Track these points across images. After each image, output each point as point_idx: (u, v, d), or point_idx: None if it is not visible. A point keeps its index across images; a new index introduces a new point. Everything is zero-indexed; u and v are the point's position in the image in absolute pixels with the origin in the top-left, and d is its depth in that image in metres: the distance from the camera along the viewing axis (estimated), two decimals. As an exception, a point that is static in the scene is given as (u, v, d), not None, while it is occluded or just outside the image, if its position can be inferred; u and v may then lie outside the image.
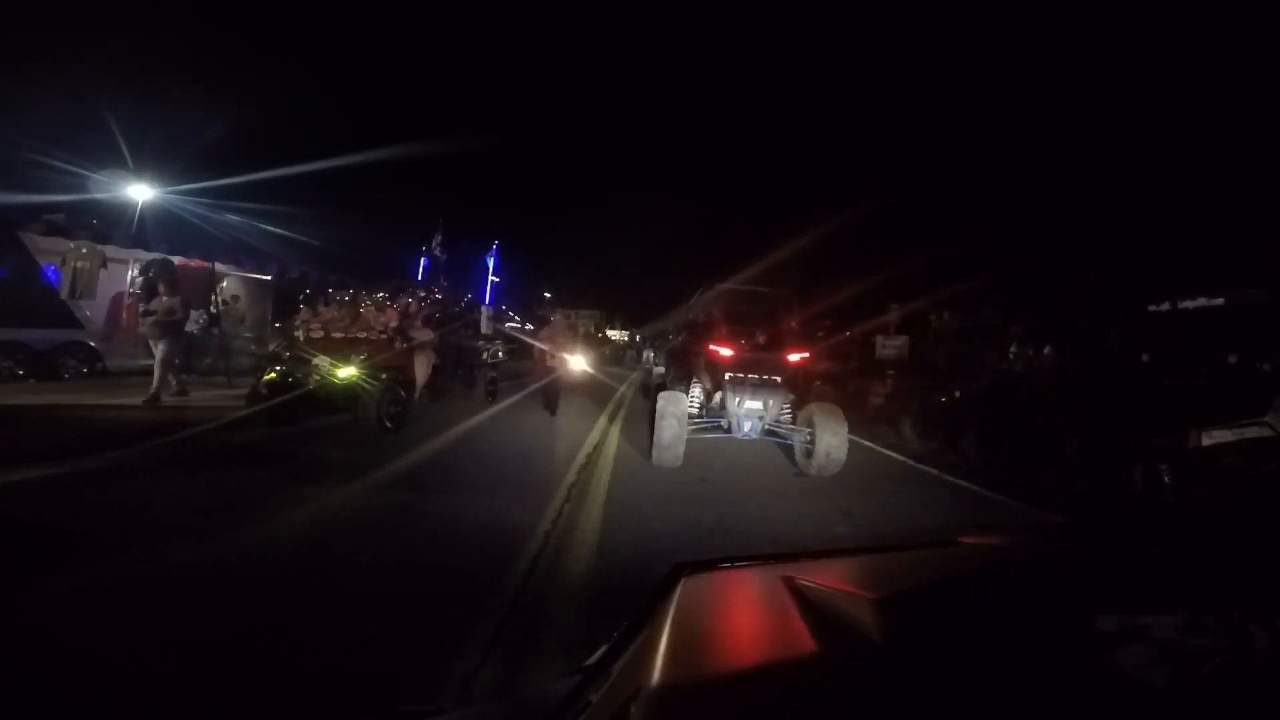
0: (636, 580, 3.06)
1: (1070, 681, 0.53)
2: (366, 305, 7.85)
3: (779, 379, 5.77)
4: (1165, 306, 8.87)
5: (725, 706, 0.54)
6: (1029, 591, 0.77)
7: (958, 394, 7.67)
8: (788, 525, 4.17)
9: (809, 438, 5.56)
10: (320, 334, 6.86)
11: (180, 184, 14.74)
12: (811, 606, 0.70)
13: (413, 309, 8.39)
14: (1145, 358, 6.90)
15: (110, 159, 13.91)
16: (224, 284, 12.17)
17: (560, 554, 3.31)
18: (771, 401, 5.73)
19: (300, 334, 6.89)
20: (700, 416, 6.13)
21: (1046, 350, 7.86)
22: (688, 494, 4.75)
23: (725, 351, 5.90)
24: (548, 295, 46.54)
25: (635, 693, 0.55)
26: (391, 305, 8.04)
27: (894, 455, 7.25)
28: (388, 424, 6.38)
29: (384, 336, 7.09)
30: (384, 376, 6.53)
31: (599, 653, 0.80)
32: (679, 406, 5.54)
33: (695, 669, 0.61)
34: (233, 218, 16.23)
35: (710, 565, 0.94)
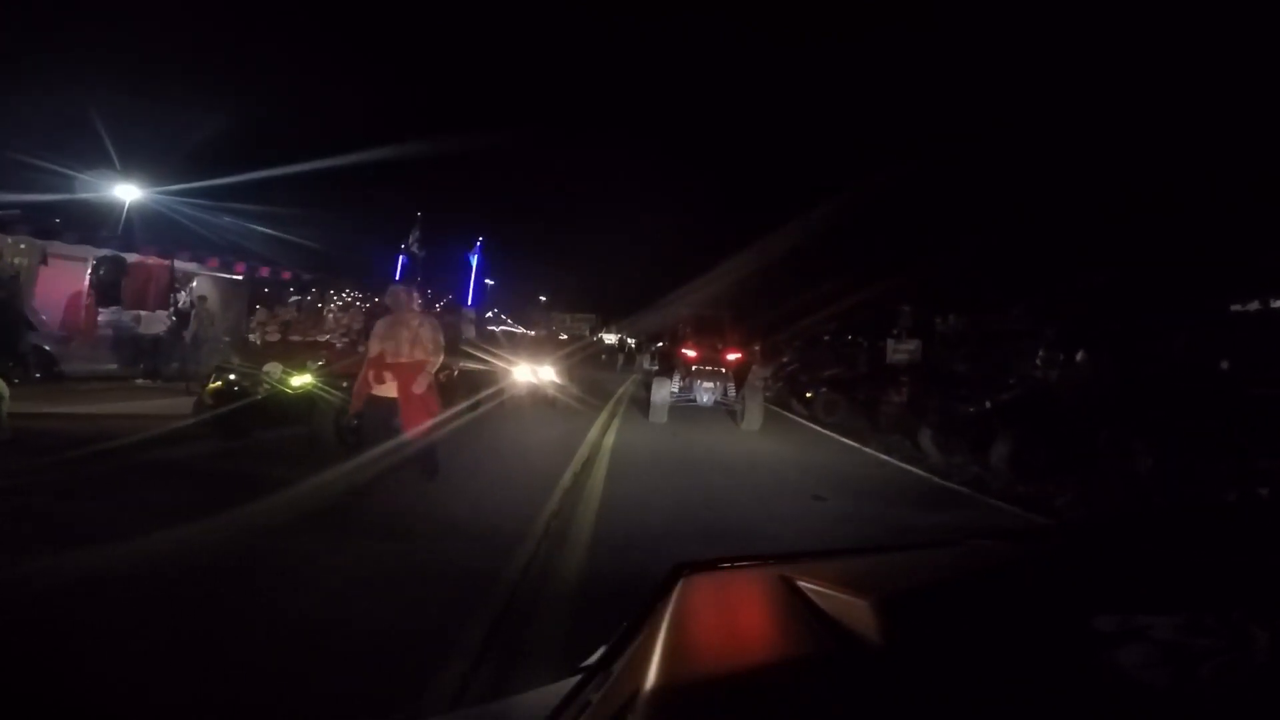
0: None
1: (1070, 681, 0.53)
2: (330, 307, 7.17)
3: (723, 370, 9.21)
4: (1255, 306, 7.67)
5: (725, 707, 0.54)
6: (1029, 591, 0.77)
7: (988, 403, 6.89)
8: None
9: (742, 407, 8.74)
10: (277, 337, 6.23)
11: (143, 176, 13.54)
12: (811, 606, 0.70)
13: (379, 310, 7.78)
14: (1225, 364, 6.15)
15: (67, 149, 12.77)
16: (194, 283, 11.69)
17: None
18: (718, 383, 9.09)
19: (256, 337, 6.32)
20: (678, 393, 9.14)
21: (1080, 355, 7.09)
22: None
23: (691, 353, 9.35)
24: (543, 299, 46.41)
25: (635, 693, 0.55)
26: (359, 306, 7.29)
27: (913, 470, 6.61)
28: (348, 438, 5.44)
29: (347, 341, 6.42)
30: (345, 385, 5.55)
31: (598, 653, 0.80)
32: (665, 387, 8.91)
33: (695, 669, 0.61)
34: (200, 213, 15.07)
35: (710, 565, 0.94)
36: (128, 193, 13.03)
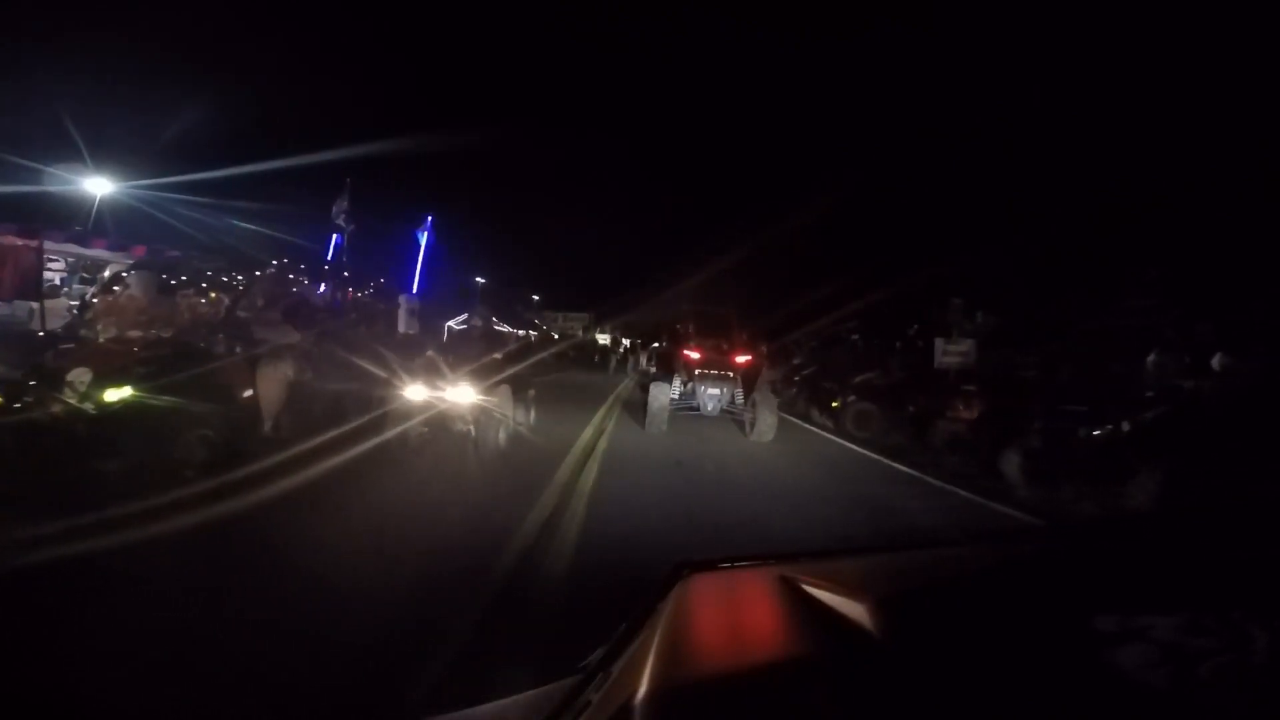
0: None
1: (1070, 681, 0.53)
2: (185, 291, 5.39)
3: (731, 374, 8.15)
4: None
5: (725, 706, 0.54)
6: (1029, 591, 0.77)
7: (1125, 425, 5.25)
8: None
9: (752, 416, 7.79)
10: (112, 333, 4.69)
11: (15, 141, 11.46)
12: (811, 606, 0.70)
13: (258, 295, 5.78)
14: None
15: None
16: (106, 272, 10.09)
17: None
18: (726, 389, 8.09)
19: (92, 331, 4.80)
20: (679, 399, 8.20)
21: (1217, 360, 5.45)
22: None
23: (695, 355, 8.24)
24: (535, 298, 46.06)
25: (635, 693, 0.55)
26: (222, 292, 5.39)
27: (1009, 511, 5.13)
28: (188, 471, 3.93)
29: (207, 339, 4.94)
30: (199, 399, 4.25)
31: (598, 652, 0.80)
32: (664, 393, 7.92)
33: (695, 669, 0.61)
34: (157, 202, 13.27)
35: (710, 565, 0.94)
36: (99, 186, 11.88)
